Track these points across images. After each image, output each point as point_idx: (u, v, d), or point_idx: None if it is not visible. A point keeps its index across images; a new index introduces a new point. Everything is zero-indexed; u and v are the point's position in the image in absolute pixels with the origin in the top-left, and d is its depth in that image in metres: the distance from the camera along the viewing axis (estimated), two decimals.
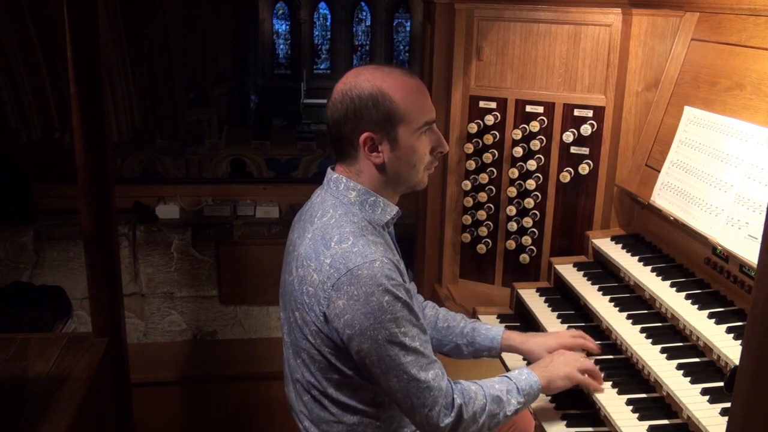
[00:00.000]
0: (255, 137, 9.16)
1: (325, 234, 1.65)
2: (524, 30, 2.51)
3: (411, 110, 1.66)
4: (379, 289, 1.56)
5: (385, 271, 1.58)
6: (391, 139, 1.66)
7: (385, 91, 1.64)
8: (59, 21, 4.26)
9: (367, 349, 1.58)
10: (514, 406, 1.73)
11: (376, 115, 1.64)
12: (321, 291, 1.60)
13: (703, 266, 2.06)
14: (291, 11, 23.64)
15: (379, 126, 1.65)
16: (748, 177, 1.89)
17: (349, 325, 1.58)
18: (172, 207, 3.59)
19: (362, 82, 1.66)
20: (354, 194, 1.70)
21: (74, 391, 2.04)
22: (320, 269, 1.61)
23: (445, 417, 1.63)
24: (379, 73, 1.68)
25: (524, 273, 2.63)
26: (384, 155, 1.67)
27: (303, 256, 1.67)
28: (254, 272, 3.52)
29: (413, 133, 1.68)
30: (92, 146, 2.20)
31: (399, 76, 1.69)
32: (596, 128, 2.43)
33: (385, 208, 1.73)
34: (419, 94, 1.69)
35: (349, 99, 1.65)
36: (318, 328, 1.64)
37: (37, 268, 3.45)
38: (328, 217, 1.68)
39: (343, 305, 1.57)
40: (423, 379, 1.61)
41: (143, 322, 3.57)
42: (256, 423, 3.38)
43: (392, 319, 1.57)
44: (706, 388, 1.66)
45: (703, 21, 2.26)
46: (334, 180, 1.73)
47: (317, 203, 1.75)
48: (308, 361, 1.72)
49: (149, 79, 11.17)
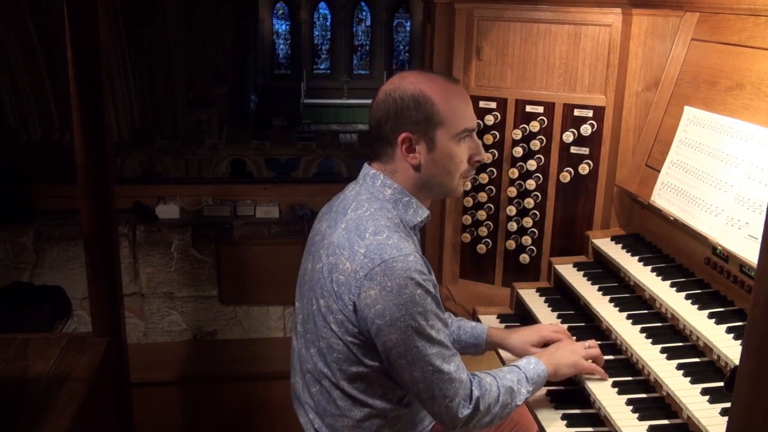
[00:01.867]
0: (255, 137, 9.16)
1: (359, 225, 1.68)
2: (524, 30, 2.51)
3: (450, 115, 1.70)
4: (411, 282, 1.60)
5: (417, 266, 1.63)
6: (428, 141, 1.70)
7: (427, 93, 1.69)
8: (59, 21, 4.25)
9: (396, 340, 1.61)
10: (524, 396, 1.81)
11: (416, 116, 1.68)
12: (353, 280, 1.63)
13: (703, 266, 2.06)
14: (291, 11, 23.62)
15: (418, 127, 1.69)
16: (748, 177, 1.89)
17: (380, 315, 1.60)
18: (172, 207, 3.59)
19: (406, 84, 1.71)
20: (390, 192, 1.74)
21: (74, 391, 2.04)
22: (353, 258, 1.63)
23: (464, 408, 1.69)
24: (424, 77, 1.73)
25: (524, 273, 2.63)
26: (420, 157, 1.72)
27: (336, 245, 1.69)
28: (254, 272, 3.53)
29: (451, 138, 1.71)
30: (92, 146, 2.20)
31: (442, 81, 1.74)
32: (596, 128, 2.43)
33: (417, 210, 1.77)
34: (461, 101, 1.74)
35: (391, 99, 1.70)
36: (344, 317, 1.66)
37: (37, 268, 3.45)
38: (363, 210, 1.71)
39: (375, 295, 1.60)
40: (446, 371, 1.66)
41: (143, 322, 3.57)
42: (256, 423, 3.38)
43: (422, 311, 1.61)
44: (706, 388, 1.66)
45: (703, 21, 2.26)
46: (371, 175, 1.77)
47: (351, 196, 1.78)
48: (325, 350, 1.73)
49: (149, 79, 11.17)
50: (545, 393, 1.96)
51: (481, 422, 1.74)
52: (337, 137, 11.54)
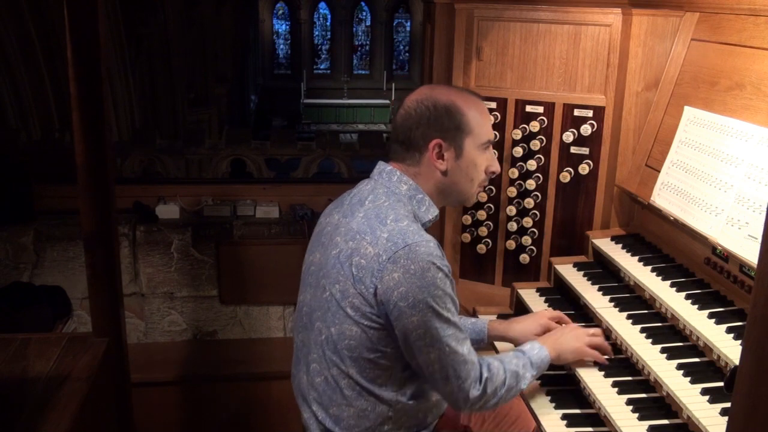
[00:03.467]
0: (255, 137, 9.18)
1: (379, 213, 1.75)
2: (524, 30, 2.51)
3: (477, 126, 1.82)
4: (434, 266, 1.67)
5: (438, 252, 1.71)
6: (457, 148, 1.80)
7: (459, 104, 1.80)
8: (59, 21, 4.23)
9: (417, 322, 1.66)
10: (528, 380, 1.88)
11: (448, 124, 1.78)
12: (375, 263, 1.67)
13: (703, 266, 2.06)
14: (291, 11, 23.59)
15: (450, 134, 1.79)
16: (748, 177, 1.89)
17: (403, 297, 1.65)
18: (172, 207, 3.59)
19: (438, 95, 1.82)
20: (405, 188, 1.82)
21: (74, 391, 2.04)
22: (376, 242, 1.69)
23: (474, 389, 1.76)
24: (453, 89, 1.89)
25: (524, 273, 2.64)
26: (448, 163, 1.81)
27: (356, 230, 1.74)
28: (254, 272, 3.52)
29: (476, 147, 1.83)
30: (92, 146, 2.20)
31: (470, 95, 1.87)
32: (596, 128, 2.43)
33: (429, 208, 1.84)
34: (485, 114, 1.87)
35: (424, 107, 1.80)
36: (363, 301, 1.70)
37: (37, 268, 3.44)
38: (381, 201, 1.79)
39: (399, 278, 1.65)
40: (461, 352, 1.73)
41: (143, 322, 3.56)
42: (256, 423, 3.37)
43: (443, 294, 1.68)
44: (706, 388, 1.66)
45: (703, 21, 2.26)
46: (387, 171, 1.84)
47: (367, 190, 1.84)
48: (336, 337, 1.76)
49: (149, 79, 11.17)
50: (545, 393, 1.97)
51: (488, 404, 1.81)
52: (337, 137, 11.56)
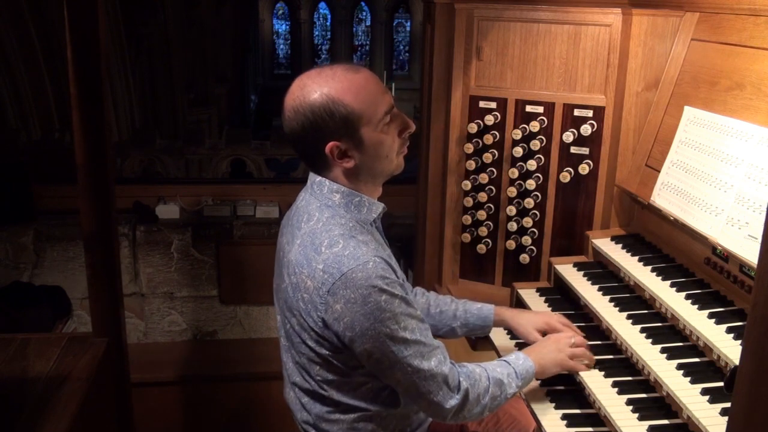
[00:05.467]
0: (255, 137, 9.18)
1: (314, 239, 1.64)
2: (524, 30, 2.51)
3: (366, 107, 1.62)
4: (375, 290, 1.56)
5: (378, 272, 1.58)
6: (356, 142, 1.64)
7: (335, 96, 1.60)
8: (59, 21, 4.23)
9: (370, 349, 1.60)
10: (514, 390, 1.82)
11: (334, 124, 1.61)
12: (317, 297, 1.60)
13: (703, 266, 2.06)
14: (291, 11, 23.59)
15: (341, 133, 1.62)
16: (748, 177, 1.89)
17: (349, 327, 1.58)
18: (172, 207, 3.59)
19: (310, 94, 1.62)
20: (338, 196, 1.69)
21: (74, 391, 2.04)
22: (313, 275, 1.61)
23: (452, 399, 1.69)
24: (323, 78, 1.62)
25: (524, 273, 2.63)
26: (355, 158, 1.66)
27: (294, 263, 1.67)
28: (254, 272, 3.52)
29: (376, 127, 1.64)
30: (92, 146, 2.20)
31: (344, 75, 1.63)
32: (596, 128, 2.43)
33: (370, 207, 1.73)
34: (370, 87, 1.64)
35: (302, 115, 1.62)
36: (317, 333, 1.65)
37: (37, 268, 3.45)
38: (315, 221, 1.68)
39: (341, 309, 1.57)
40: (426, 368, 1.65)
41: (143, 322, 3.57)
42: (256, 423, 3.38)
43: (391, 316, 1.58)
44: (706, 388, 1.66)
45: (703, 21, 2.26)
46: (317, 183, 1.72)
47: (302, 207, 1.75)
48: (307, 365, 1.73)
49: (149, 79, 11.16)
50: (545, 393, 1.96)
51: (472, 413, 1.75)
52: None
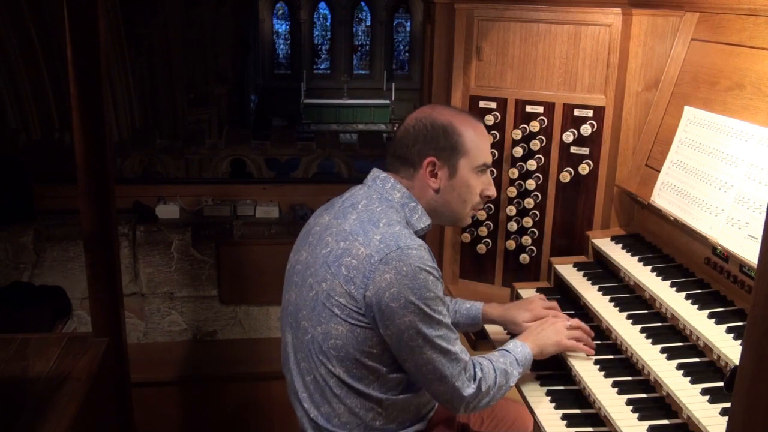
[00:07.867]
0: (255, 137, 9.16)
1: (372, 216, 1.78)
2: (524, 30, 2.51)
3: (474, 148, 1.85)
4: (425, 270, 1.70)
5: (428, 257, 1.75)
6: (451, 168, 1.84)
7: (456, 125, 1.84)
8: (59, 21, 4.23)
9: (408, 323, 1.69)
10: (516, 377, 1.91)
11: (444, 144, 1.82)
12: (367, 264, 1.69)
13: (703, 266, 2.06)
14: (291, 11, 23.58)
15: (444, 153, 1.83)
16: (748, 177, 1.89)
17: (395, 298, 1.67)
18: (172, 207, 3.59)
19: (437, 114, 1.86)
20: (398, 195, 1.84)
21: (74, 391, 2.04)
22: (368, 244, 1.71)
23: (469, 388, 1.79)
24: (453, 111, 1.90)
25: (524, 273, 2.63)
26: (441, 182, 1.85)
27: (348, 231, 1.77)
28: (254, 272, 3.52)
29: (471, 169, 1.86)
30: (92, 146, 2.20)
31: (469, 117, 1.90)
32: (596, 128, 2.43)
33: (421, 216, 1.86)
34: (484, 138, 1.90)
35: (422, 125, 1.84)
36: (351, 300, 1.71)
37: (37, 268, 3.44)
38: (374, 206, 1.81)
39: (390, 279, 1.67)
40: (453, 351, 1.76)
41: (143, 322, 3.56)
42: (256, 423, 3.37)
43: (434, 297, 1.71)
44: (706, 388, 1.66)
45: (703, 21, 2.26)
46: (382, 178, 1.87)
47: (360, 195, 1.87)
48: (322, 337, 1.76)
49: (149, 79, 11.16)
50: (545, 393, 1.96)
51: (481, 403, 1.83)
52: (337, 137, 11.54)
